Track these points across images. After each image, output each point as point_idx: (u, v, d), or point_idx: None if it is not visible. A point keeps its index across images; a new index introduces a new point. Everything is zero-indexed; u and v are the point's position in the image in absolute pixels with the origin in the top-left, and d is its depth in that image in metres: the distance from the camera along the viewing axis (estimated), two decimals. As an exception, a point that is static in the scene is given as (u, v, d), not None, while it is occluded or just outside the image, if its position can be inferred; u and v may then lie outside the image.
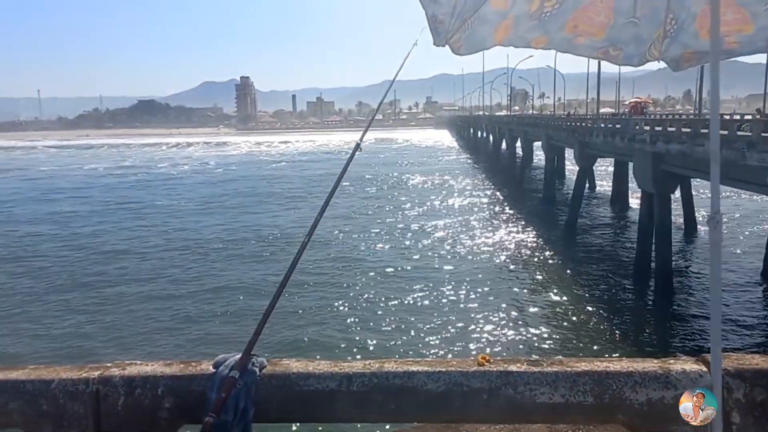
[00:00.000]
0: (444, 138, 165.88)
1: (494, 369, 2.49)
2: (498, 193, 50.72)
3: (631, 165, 30.27)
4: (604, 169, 54.41)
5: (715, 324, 2.39)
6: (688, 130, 21.69)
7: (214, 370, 2.56)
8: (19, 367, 2.74)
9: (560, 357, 2.71)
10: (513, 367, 2.49)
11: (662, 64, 3.28)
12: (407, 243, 32.33)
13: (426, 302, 22.00)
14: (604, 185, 51.40)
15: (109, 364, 2.72)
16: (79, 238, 34.91)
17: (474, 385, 2.45)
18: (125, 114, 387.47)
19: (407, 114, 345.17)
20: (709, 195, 2.39)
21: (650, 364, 2.47)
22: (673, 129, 23.28)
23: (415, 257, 29.01)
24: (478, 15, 2.94)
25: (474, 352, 16.62)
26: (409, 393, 2.47)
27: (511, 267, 27.20)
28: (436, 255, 29.42)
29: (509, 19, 2.99)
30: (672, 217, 24.89)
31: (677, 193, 29.33)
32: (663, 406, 2.36)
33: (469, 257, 28.84)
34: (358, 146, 3.57)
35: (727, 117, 29.49)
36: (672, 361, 2.48)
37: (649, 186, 24.39)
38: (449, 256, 29.11)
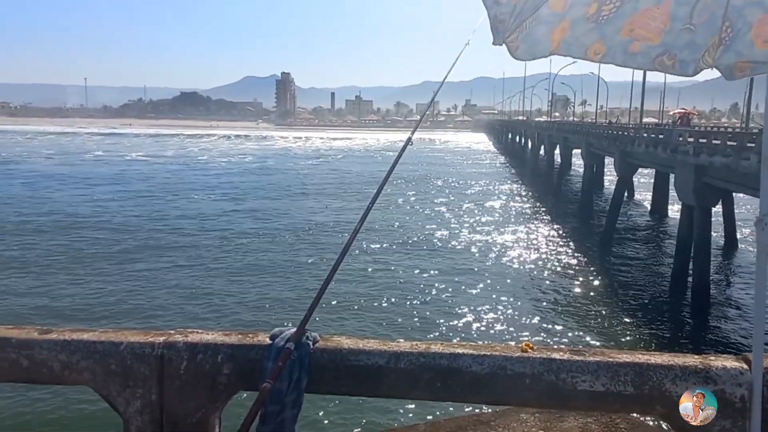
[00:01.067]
0: (482, 142, 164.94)
1: (537, 356, 2.59)
2: (535, 199, 50.31)
3: (672, 176, 29.74)
4: (642, 180, 53.54)
5: (759, 323, 2.44)
6: (734, 143, 21.22)
7: (271, 342, 2.73)
8: (90, 329, 2.95)
9: (602, 348, 2.79)
10: (556, 355, 2.59)
11: (710, 75, 3.31)
12: (446, 239, 32.78)
13: (464, 296, 22.43)
14: (644, 196, 50.54)
15: (172, 332, 2.90)
16: (132, 218, 36.72)
17: (517, 370, 2.55)
18: (168, 105, 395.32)
19: (445, 116, 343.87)
20: (751, 209, 2.45)
21: (691, 359, 2.53)
22: (717, 142, 22.80)
23: (452, 254, 29.48)
24: (536, 16, 3.04)
25: (517, 340, 16.95)
26: (455, 373, 2.58)
27: (547, 270, 27.17)
28: (473, 253, 29.71)
29: (566, 22, 3.08)
30: (712, 230, 24.40)
31: (718, 207, 28.68)
32: (702, 400, 2.43)
33: (506, 258, 28.95)
34: (409, 140, 3.75)
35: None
36: (713, 358, 2.54)
37: (690, 198, 23.93)
38: (486, 255, 29.33)
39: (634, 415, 4.53)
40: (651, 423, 4.87)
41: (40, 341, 2.82)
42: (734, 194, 27.69)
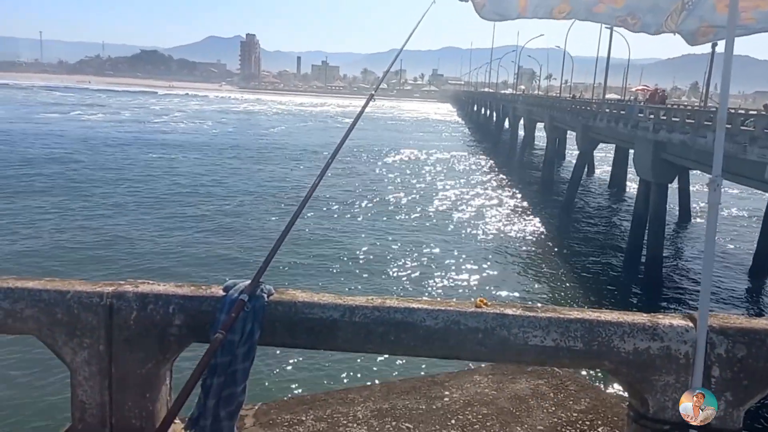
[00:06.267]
0: (448, 112, 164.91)
1: (490, 311, 2.61)
2: (497, 171, 50.73)
3: (631, 152, 30.29)
4: (602, 155, 54.47)
5: (706, 282, 2.51)
6: (692, 121, 21.68)
7: (224, 293, 2.69)
8: (35, 278, 2.85)
9: (554, 305, 2.82)
10: (509, 311, 2.61)
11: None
12: (408, 204, 33.08)
13: (423, 256, 22.68)
14: (604, 170, 51.49)
15: (122, 282, 2.83)
16: (92, 172, 36.41)
17: (470, 325, 2.57)
18: (127, 63, 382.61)
19: (412, 85, 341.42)
20: (706, 188, 2.49)
21: (639, 317, 2.59)
22: (677, 119, 23.25)
23: (414, 217, 29.94)
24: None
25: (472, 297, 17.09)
26: (409, 327, 2.59)
27: (507, 235, 27.73)
28: (434, 217, 30.14)
29: (534, -15, 3.05)
30: (667, 206, 25.03)
31: (674, 184, 29.40)
32: (648, 356, 2.49)
33: (467, 223, 29.42)
34: (372, 96, 3.71)
35: (732, 111, 29.41)
36: (660, 316, 2.60)
37: (648, 174, 24.45)
38: (447, 220, 29.74)
39: (584, 373, 4.66)
40: (598, 384, 5.03)
41: (-19, 289, 2.71)
42: (690, 171, 28.37)
